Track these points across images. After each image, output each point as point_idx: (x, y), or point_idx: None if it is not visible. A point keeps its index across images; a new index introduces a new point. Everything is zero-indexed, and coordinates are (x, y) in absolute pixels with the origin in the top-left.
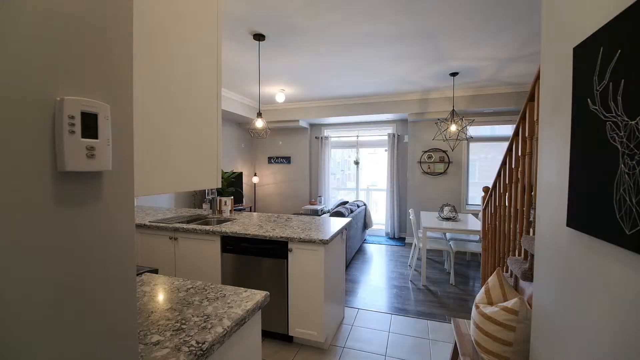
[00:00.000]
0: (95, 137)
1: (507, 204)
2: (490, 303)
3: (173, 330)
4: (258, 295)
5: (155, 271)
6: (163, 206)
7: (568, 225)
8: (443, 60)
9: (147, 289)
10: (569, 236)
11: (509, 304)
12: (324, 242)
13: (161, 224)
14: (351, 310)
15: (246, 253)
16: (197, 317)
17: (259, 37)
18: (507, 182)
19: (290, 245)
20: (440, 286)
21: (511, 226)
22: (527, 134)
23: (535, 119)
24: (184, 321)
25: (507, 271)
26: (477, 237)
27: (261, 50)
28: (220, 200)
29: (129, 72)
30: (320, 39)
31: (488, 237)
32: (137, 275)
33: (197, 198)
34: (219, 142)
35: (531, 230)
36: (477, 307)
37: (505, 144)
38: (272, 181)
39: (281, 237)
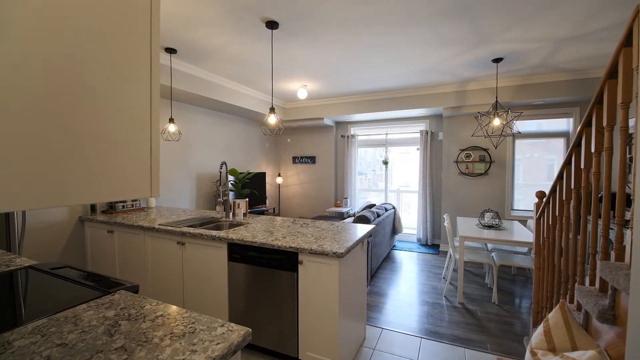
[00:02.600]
0: None
1: (572, 215)
2: (552, 349)
3: None
4: (234, 335)
5: (136, 288)
6: (182, 207)
7: None
8: (484, 43)
9: (110, 314)
10: None
11: (583, 356)
12: (337, 255)
13: (169, 228)
14: (374, 329)
15: (253, 263)
16: None
17: (271, 24)
18: (572, 187)
19: (300, 257)
20: (480, 305)
21: (579, 244)
22: (605, 124)
23: (619, 102)
24: None
25: (571, 301)
26: (525, 249)
27: (276, 41)
28: (234, 202)
29: None
30: (338, 24)
31: (543, 253)
32: (110, 293)
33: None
34: (155, 137)
35: (612, 254)
36: (534, 354)
37: (555, 141)
38: (296, 182)
39: (290, 248)
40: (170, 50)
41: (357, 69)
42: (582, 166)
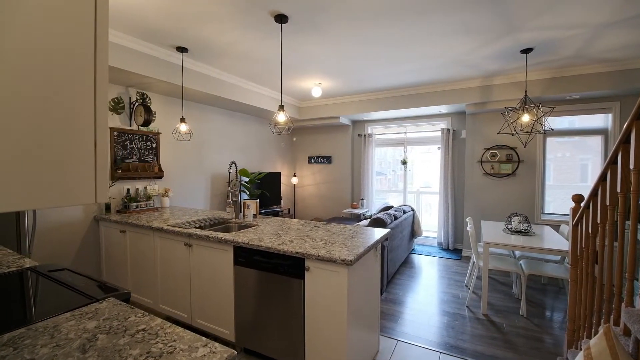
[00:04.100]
0: None
1: (618, 223)
2: None
3: None
4: (215, 358)
5: (127, 296)
6: (196, 207)
7: None
8: (511, 32)
9: (91, 325)
10: None
11: None
12: (346, 263)
13: (176, 229)
14: (388, 340)
15: (259, 268)
16: None
17: (280, 18)
18: (619, 190)
19: (307, 263)
20: (507, 317)
21: (627, 257)
22: None
23: None
24: None
25: (615, 323)
26: (557, 257)
27: (287, 36)
28: (244, 203)
29: None
30: (351, 16)
31: (581, 265)
32: (98, 301)
33: None
34: (101, 134)
35: None
36: None
37: (590, 139)
38: (312, 182)
39: (296, 253)
40: (182, 49)
41: (374, 65)
42: (632, 166)
